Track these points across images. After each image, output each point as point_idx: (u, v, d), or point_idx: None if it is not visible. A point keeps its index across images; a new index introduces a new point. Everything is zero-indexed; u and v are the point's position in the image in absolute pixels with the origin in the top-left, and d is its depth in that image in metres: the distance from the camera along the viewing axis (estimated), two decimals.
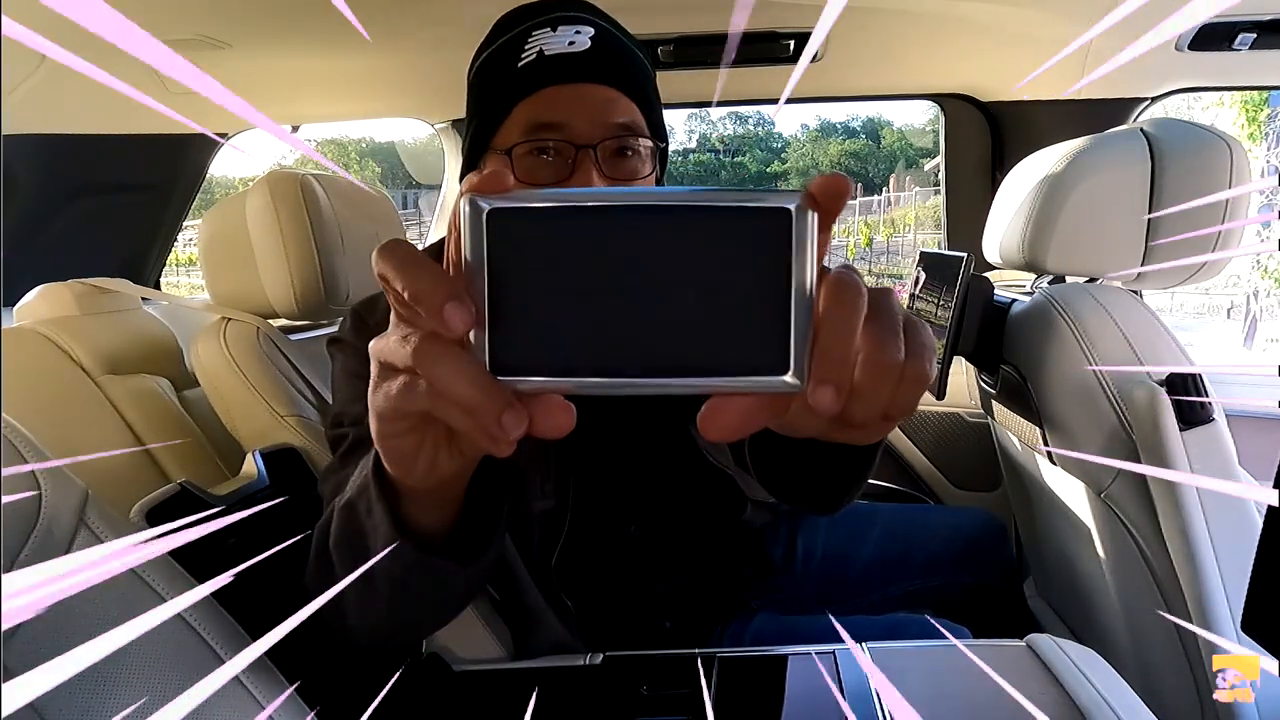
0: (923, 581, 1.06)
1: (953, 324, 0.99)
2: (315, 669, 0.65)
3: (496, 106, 0.66)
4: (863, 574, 1.06)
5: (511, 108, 0.65)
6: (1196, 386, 0.82)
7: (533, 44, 0.65)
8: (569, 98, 0.64)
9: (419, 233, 4.28)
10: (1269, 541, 0.38)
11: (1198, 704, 0.90)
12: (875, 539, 1.09)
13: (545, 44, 0.65)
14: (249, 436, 0.91)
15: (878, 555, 1.07)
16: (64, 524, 0.47)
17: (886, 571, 1.07)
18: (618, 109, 0.65)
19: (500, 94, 0.66)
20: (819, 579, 1.06)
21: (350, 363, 0.71)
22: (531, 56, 0.65)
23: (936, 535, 1.10)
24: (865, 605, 1.05)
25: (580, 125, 0.64)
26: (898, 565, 1.07)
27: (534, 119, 0.64)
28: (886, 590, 1.06)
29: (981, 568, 1.09)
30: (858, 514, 1.14)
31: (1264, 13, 1.18)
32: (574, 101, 0.64)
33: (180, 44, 1.32)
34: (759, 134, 45.57)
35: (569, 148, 0.64)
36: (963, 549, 1.09)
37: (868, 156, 37.35)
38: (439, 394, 0.27)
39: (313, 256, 0.92)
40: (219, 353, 0.91)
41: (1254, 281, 7.24)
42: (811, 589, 1.06)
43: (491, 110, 0.67)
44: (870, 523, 1.11)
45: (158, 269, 1.80)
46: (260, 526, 0.78)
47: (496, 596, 0.85)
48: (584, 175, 0.63)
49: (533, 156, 0.64)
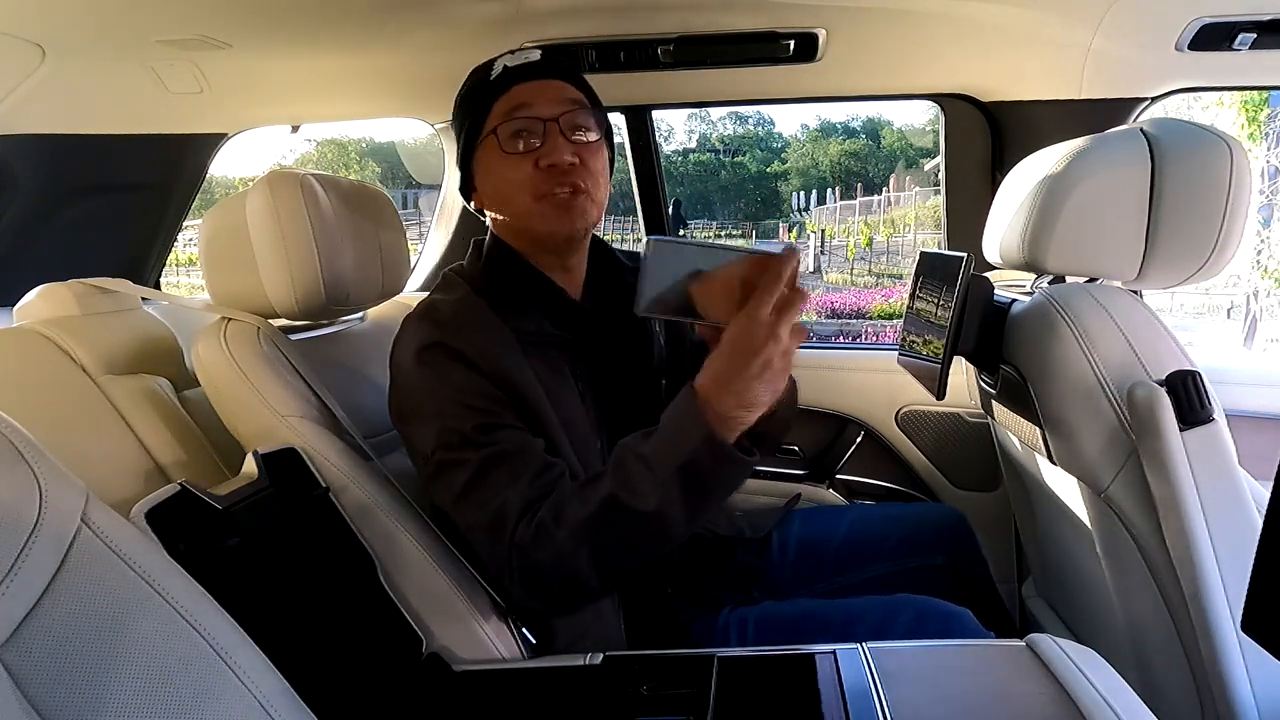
0: (898, 563, 1.11)
1: (953, 324, 0.99)
2: (316, 669, 0.65)
3: (478, 108, 0.87)
4: (838, 557, 1.11)
5: (490, 105, 0.86)
6: (1196, 386, 0.82)
7: (497, 64, 0.88)
8: (532, 89, 0.86)
9: (419, 233, 4.28)
10: (1269, 541, 0.38)
11: (1198, 704, 0.90)
12: (845, 528, 1.15)
13: (507, 61, 0.88)
14: (249, 436, 0.91)
15: (850, 540, 1.13)
16: (64, 524, 0.47)
17: (861, 554, 1.12)
18: (568, 92, 0.87)
19: (480, 99, 0.87)
20: (796, 564, 1.11)
21: (461, 379, 0.80)
22: (499, 70, 0.87)
23: (903, 523, 1.17)
24: (845, 587, 1.09)
25: (543, 105, 0.85)
26: (871, 549, 1.12)
27: (508, 107, 0.85)
28: (865, 571, 1.10)
29: (952, 554, 1.14)
30: (824, 511, 1.26)
31: (1264, 13, 1.18)
32: (535, 91, 0.86)
33: (180, 44, 1.32)
34: (759, 134, 45.54)
35: (537, 123, 0.84)
36: (931, 535, 1.15)
37: (868, 156, 37.31)
38: None
39: (313, 256, 0.92)
40: (219, 353, 0.90)
41: (1254, 281, 7.24)
42: (789, 573, 1.10)
43: (474, 112, 0.88)
44: (838, 515, 1.22)
45: (158, 269, 1.80)
46: (261, 527, 0.78)
47: (498, 598, 0.86)
48: (552, 141, 0.84)
49: (512, 134, 0.85)
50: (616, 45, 1.38)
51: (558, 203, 0.84)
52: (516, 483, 0.76)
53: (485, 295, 0.87)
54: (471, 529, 0.80)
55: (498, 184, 0.87)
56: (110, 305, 1.03)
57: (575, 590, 0.77)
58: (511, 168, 0.85)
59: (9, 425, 0.47)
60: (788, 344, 0.67)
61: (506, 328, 0.84)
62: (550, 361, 0.87)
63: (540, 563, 0.74)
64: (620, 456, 0.75)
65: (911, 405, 1.56)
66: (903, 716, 0.64)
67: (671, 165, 39.51)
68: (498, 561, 0.77)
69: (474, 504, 0.77)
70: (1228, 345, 7.21)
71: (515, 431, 0.80)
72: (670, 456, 0.70)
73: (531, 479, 0.77)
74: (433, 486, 0.83)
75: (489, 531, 0.76)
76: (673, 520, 0.72)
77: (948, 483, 1.57)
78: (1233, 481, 0.83)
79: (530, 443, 0.80)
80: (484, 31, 1.34)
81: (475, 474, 0.77)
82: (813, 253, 16.50)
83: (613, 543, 0.73)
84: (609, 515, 0.72)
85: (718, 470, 0.71)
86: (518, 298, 0.88)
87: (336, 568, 0.84)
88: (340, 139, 23.94)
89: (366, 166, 25.17)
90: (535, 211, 0.85)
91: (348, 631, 0.80)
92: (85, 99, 1.48)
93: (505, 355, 0.82)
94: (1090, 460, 0.91)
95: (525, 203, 0.85)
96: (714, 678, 0.73)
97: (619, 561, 0.75)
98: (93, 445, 0.87)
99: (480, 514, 0.77)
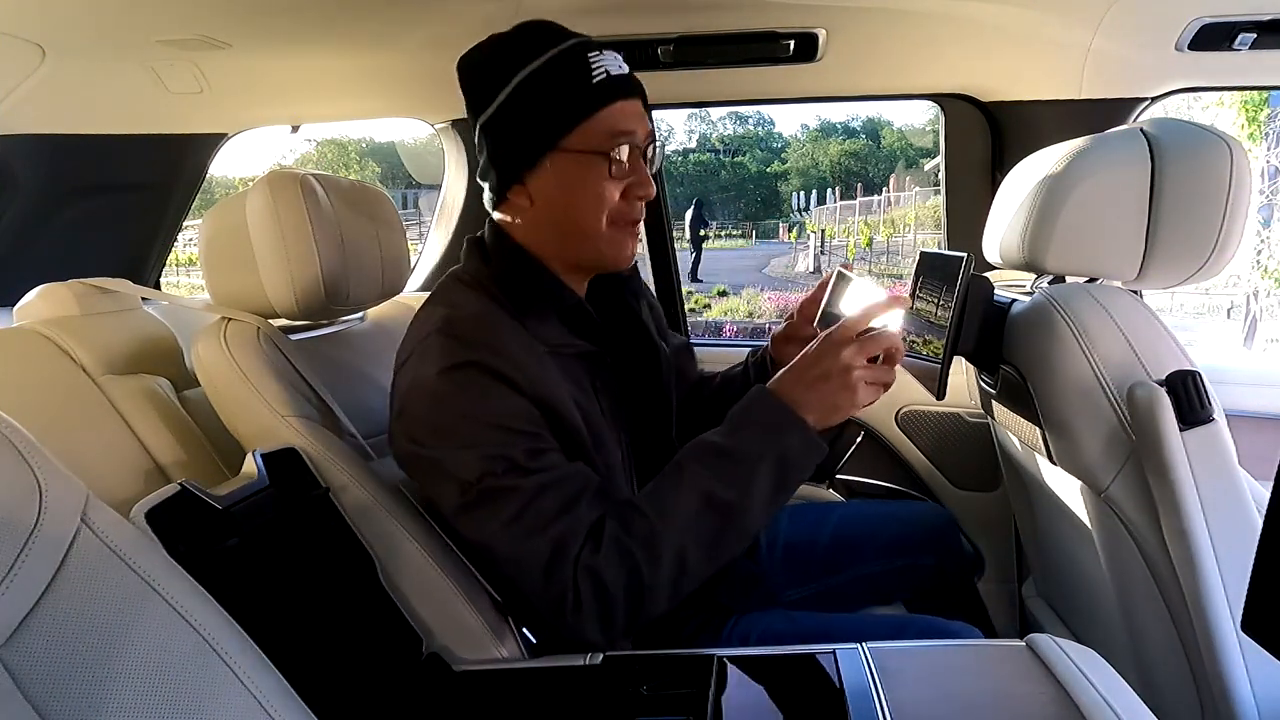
0: (888, 562, 1.12)
1: (953, 324, 0.99)
2: (316, 669, 0.65)
3: (572, 110, 0.79)
4: (826, 557, 1.12)
5: (590, 113, 0.79)
6: (1196, 386, 0.82)
7: (597, 64, 0.80)
8: (631, 111, 0.82)
9: (419, 233, 4.28)
10: (1269, 541, 0.38)
11: (1198, 704, 0.90)
12: (832, 527, 1.15)
13: (607, 65, 0.81)
14: (249, 436, 0.91)
15: (837, 540, 1.13)
16: (64, 524, 0.47)
17: (850, 554, 1.12)
18: (646, 119, 0.84)
19: (577, 101, 0.79)
20: (785, 564, 1.11)
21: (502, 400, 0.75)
22: (601, 75, 0.80)
23: (891, 521, 1.17)
24: (836, 586, 1.10)
25: (641, 132, 0.82)
26: (859, 548, 1.13)
27: (615, 126, 0.80)
28: (856, 570, 1.11)
29: (940, 554, 1.14)
30: (812, 509, 1.25)
31: (1264, 13, 1.18)
32: (635, 114, 0.82)
33: (180, 44, 1.32)
34: (759, 134, 45.57)
35: (634, 149, 0.82)
36: (920, 535, 1.15)
37: (868, 156, 37.32)
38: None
39: (313, 256, 0.92)
40: (219, 353, 0.90)
41: (1254, 281, 7.24)
42: (780, 575, 1.10)
43: (566, 115, 0.80)
44: (825, 514, 1.20)
45: (158, 269, 1.80)
46: (261, 527, 0.78)
47: (498, 598, 0.85)
48: (642, 172, 0.83)
49: (619, 155, 0.80)
50: (616, 45, 1.37)
51: (631, 233, 0.84)
52: (575, 506, 0.74)
53: (504, 303, 0.82)
54: (523, 561, 0.74)
55: (572, 194, 0.81)
56: (110, 305, 1.03)
57: (644, 606, 0.74)
58: (600, 185, 0.80)
59: (9, 425, 0.47)
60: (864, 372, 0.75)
61: (535, 340, 0.80)
62: (572, 373, 0.83)
63: (614, 582, 0.72)
64: (699, 455, 0.76)
65: (911, 405, 1.56)
66: (903, 716, 0.64)
67: (671, 165, 39.52)
68: (558, 589, 0.72)
69: (528, 532, 0.73)
70: (1228, 345, 7.21)
71: (559, 453, 0.77)
72: (763, 446, 0.74)
73: (590, 500, 0.75)
74: (469, 515, 0.77)
75: (550, 560, 0.72)
76: (756, 512, 0.74)
77: (947, 483, 1.57)
78: (1233, 481, 0.83)
79: (575, 463, 0.77)
80: (483, 31, 1.33)
81: (529, 501, 0.73)
82: (812, 253, 16.50)
83: (697, 541, 0.73)
84: (697, 511, 0.73)
85: (804, 459, 0.75)
86: (539, 306, 0.83)
87: (336, 568, 0.84)
88: (340, 139, 23.94)
89: (366, 166, 25.16)
90: (605, 236, 0.82)
91: (348, 631, 0.80)
92: (85, 99, 1.48)
93: (543, 371, 0.77)
94: (1090, 460, 0.91)
95: (596, 224, 0.81)
96: (714, 678, 0.73)
97: (698, 564, 0.74)
98: (93, 445, 0.87)
99: (534, 543, 0.73)
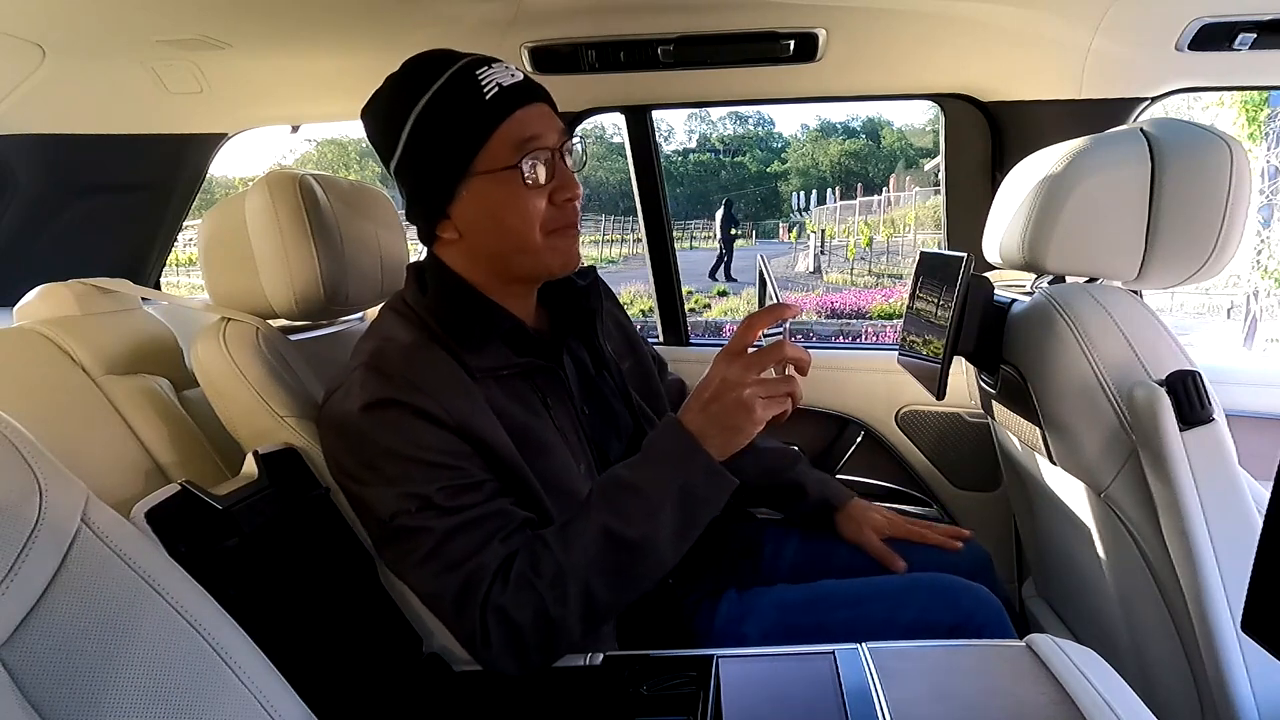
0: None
1: (953, 324, 0.99)
2: (316, 669, 0.65)
3: (472, 135, 0.78)
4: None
5: (491, 130, 0.77)
6: (1196, 386, 0.82)
7: (487, 79, 0.78)
8: (535, 116, 0.79)
9: None
10: (1269, 541, 0.38)
11: (1198, 704, 0.90)
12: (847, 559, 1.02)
13: (497, 78, 0.78)
14: (249, 436, 0.91)
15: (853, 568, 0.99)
16: (64, 524, 0.47)
17: None
18: (555, 118, 0.82)
19: (476, 122, 0.77)
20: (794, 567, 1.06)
21: (421, 435, 0.74)
22: (494, 89, 0.78)
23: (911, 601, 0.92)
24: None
25: (550, 134, 0.80)
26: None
27: (519, 136, 0.78)
28: None
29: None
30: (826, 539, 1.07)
31: (1264, 13, 1.18)
32: (539, 118, 0.80)
33: (180, 44, 1.32)
34: (759, 134, 45.56)
35: (549, 153, 0.79)
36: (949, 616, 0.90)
37: (868, 156, 37.33)
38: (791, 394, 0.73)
39: (312, 256, 0.92)
40: (219, 353, 0.90)
41: (1254, 281, 7.24)
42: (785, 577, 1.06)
43: (467, 139, 0.78)
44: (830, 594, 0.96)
45: (158, 269, 1.80)
46: (261, 527, 0.78)
47: None
48: (563, 174, 0.81)
49: (532, 166, 0.78)
50: (616, 45, 1.38)
51: (570, 237, 0.83)
52: (487, 545, 0.74)
53: (436, 333, 0.81)
54: (435, 597, 0.76)
55: (497, 216, 0.80)
56: (110, 305, 1.03)
57: (556, 640, 0.74)
58: (522, 200, 0.78)
59: (9, 425, 0.47)
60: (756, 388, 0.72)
61: (464, 368, 0.79)
62: (516, 393, 0.83)
63: (522, 620, 0.72)
64: (604, 489, 0.75)
65: (911, 405, 1.56)
66: (903, 716, 0.64)
67: (671, 165, 39.54)
68: (469, 627, 0.73)
69: (437, 571, 0.74)
70: (1228, 345, 7.21)
71: (480, 489, 0.76)
72: (664, 479, 0.73)
73: (503, 538, 0.74)
74: (387, 549, 0.79)
75: (458, 598, 0.73)
76: (664, 546, 0.73)
77: (947, 483, 1.57)
78: (1233, 481, 0.83)
79: (496, 499, 0.76)
80: (483, 31, 1.34)
81: (440, 541, 0.73)
82: (812, 253, 16.50)
83: (602, 578, 0.73)
84: (600, 548, 0.72)
85: (709, 492, 0.73)
86: (478, 334, 0.81)
87: (336, 568, 0.84)
88: (340, 139, 23.92)
89: (366, 166, 25.15)
90: (545, 247, 0.80)
91: (348, 631, 0.80)
92: (85, 99, 1.48)
93: (469, 402, 0.77)
94: (1090, 460, 0.91)
95: (530, 238, 0.80)
96: (714, 678, 0.73)
97: (606, 598, 0.74)
98: (93, 445, 0.87)
99: (444, 581, 0.74)
